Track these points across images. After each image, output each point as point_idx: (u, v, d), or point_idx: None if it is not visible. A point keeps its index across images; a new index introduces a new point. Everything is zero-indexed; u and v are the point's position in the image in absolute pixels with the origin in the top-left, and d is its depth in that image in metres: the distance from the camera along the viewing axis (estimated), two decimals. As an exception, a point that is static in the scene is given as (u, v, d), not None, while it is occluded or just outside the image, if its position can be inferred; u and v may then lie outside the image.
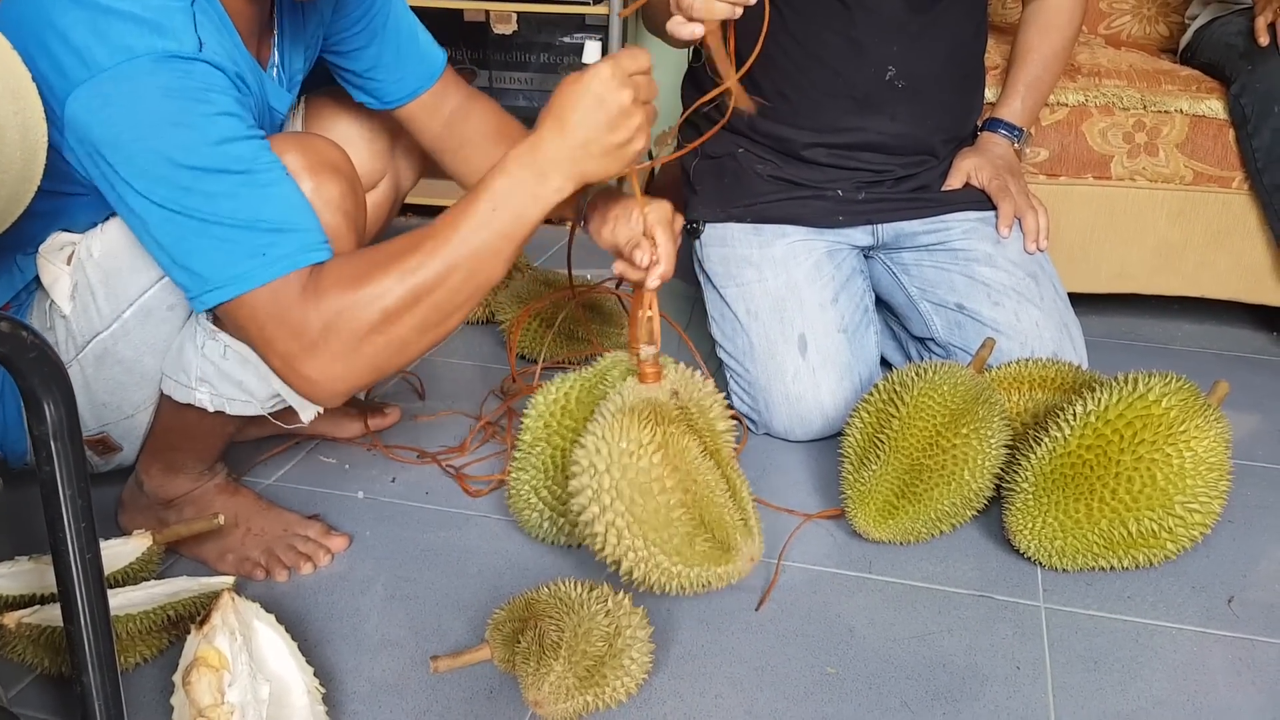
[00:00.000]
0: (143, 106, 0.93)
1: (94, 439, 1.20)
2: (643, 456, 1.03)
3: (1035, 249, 1.60)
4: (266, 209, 0.96)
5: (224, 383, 1.12)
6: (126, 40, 0.94)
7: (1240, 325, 2.04)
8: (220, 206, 0.94)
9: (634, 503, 1.03)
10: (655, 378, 1.11)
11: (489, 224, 0.99)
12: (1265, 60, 1.75)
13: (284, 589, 1.21)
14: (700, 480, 1.07)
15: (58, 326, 1.12)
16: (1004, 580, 1.26)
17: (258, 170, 0.96)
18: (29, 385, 0.67)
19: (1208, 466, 1.20)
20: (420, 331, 0.99)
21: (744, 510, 1.13)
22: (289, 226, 0.96)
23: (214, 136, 0.95)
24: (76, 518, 0.72)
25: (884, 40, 1.54)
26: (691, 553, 1.07)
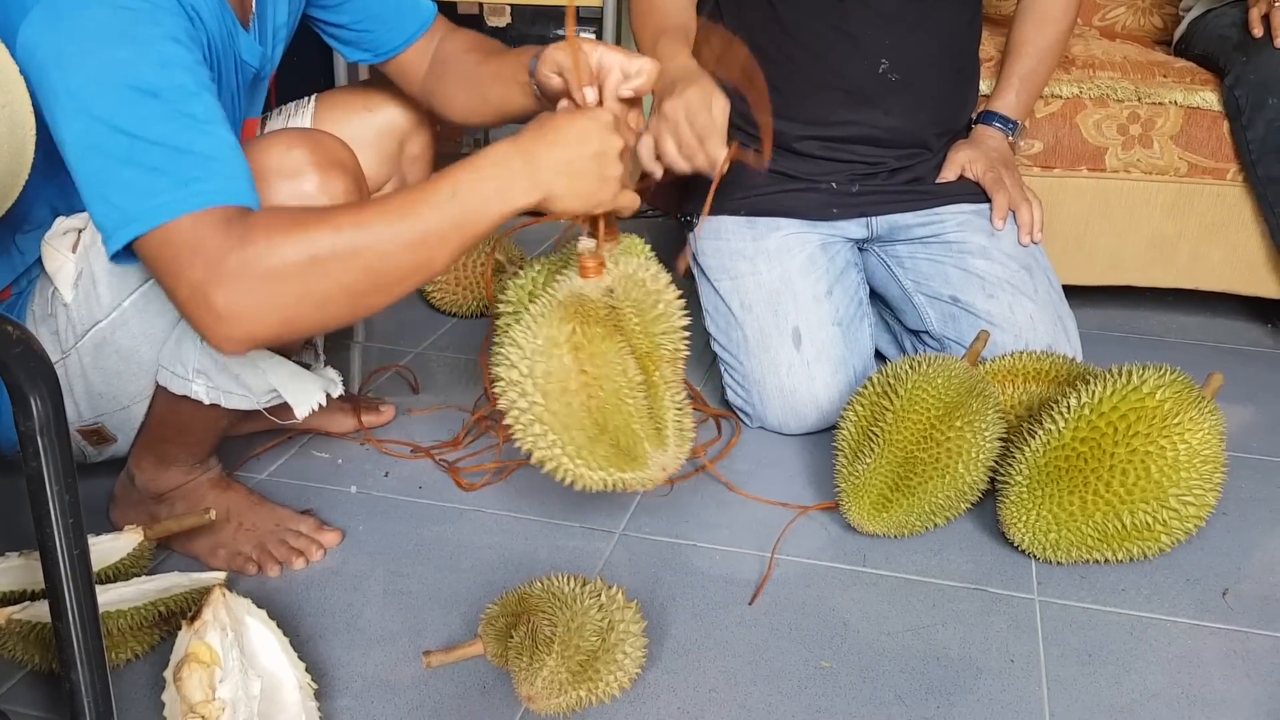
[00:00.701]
0: (89, 20, 0.91)
1: (89, 429, 1.19)
2: (553, 356, 1.01)
3: (1030, 241, 1.59)
4: (198, 140, 0.92)
5: (221, 376, 1.12)
6: None
7: (1235, 317, 2.04)
8: (152, 129, 0.90)
9: (542, 398, 1.02)
10: (593, 273, 1.07)
11: (443, 209, 0.94)
12: (1259, 51, 1.75)
13: (276, 584, 1.20)
14: (610, 385, 1.03)
15: (59, 314, 1.12)
16: (998, 573, 1.26)
17: (194, 103, 0.93)
18: (15, 380, 0.66)
19: (1202, 459, 1.20)
20: (346, 293, 0.93)
21: (660, 419, 1.08)
22: (218, 160, 0.92)
23: (156, 58, 0.92)
24: (64, 513, 0.71)
25: (877, 33, 1.53)
26: (593, 455, 1.05)
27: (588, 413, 1.04)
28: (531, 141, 0.98)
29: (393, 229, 0.93)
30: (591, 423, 1.04)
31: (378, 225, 0.93)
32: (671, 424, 1.10)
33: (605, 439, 1.05)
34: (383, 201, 0.95)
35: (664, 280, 1.10)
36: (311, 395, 1.18)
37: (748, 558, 1.28)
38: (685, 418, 1.12)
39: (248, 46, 1.13)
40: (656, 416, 1.09)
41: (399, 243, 0.93)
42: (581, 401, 1.03)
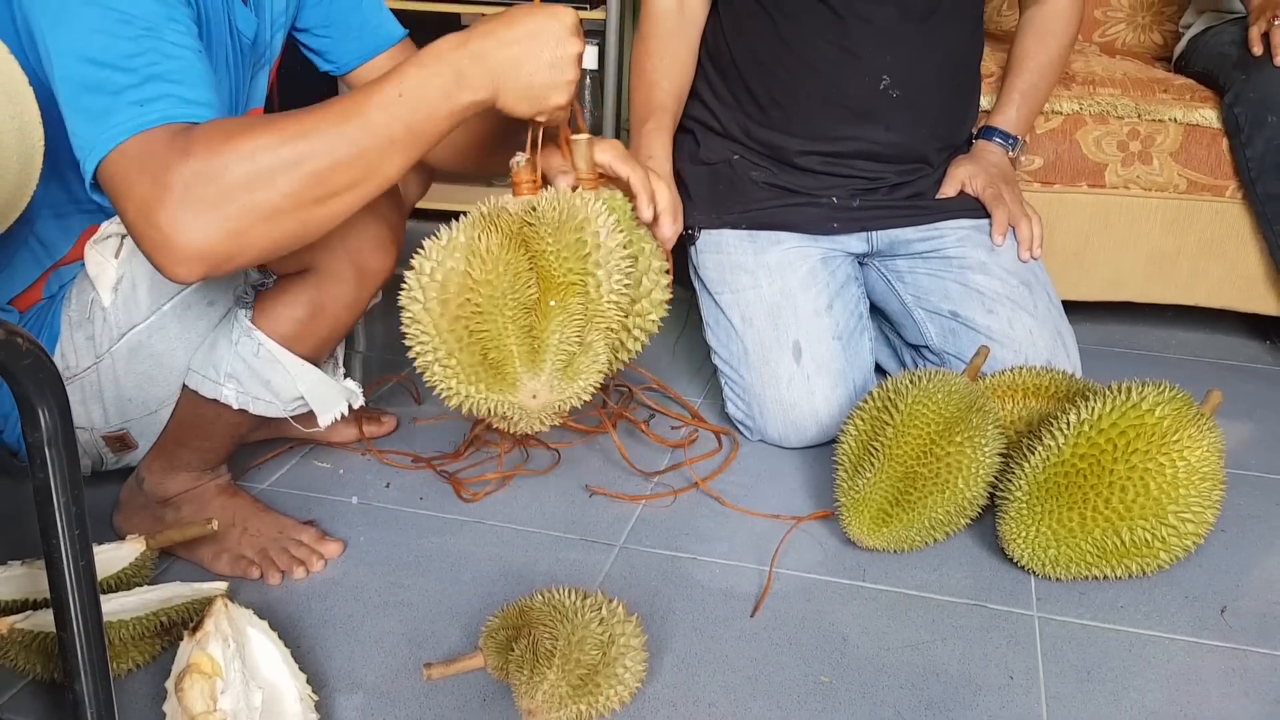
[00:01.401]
0: None
1: (114, 434, 1.21)
2: (448, 259, 0.99)
3: (1029, 257, 1.60)
4: (162, 64, 0.90)
5: (252, 381, 1.14)
6: None
7: (1234, 333, 2.04)
8: (117, 54, 0.89)
9: (422, 298, 0.99)
10: (525, 189, 1.04)
11: (390, 108, 0.90)
12: (1259, 70, 1.76)
13: (277, 595, 1.20)
14: (488, 291, 0.99)
15: (95, 318, 1.13)
16: (997, 589, 1.26)
17: (165, 31, 0.91)
18: (24, 392, 0.67)
19: (1200, 476, 1.20)
20: (295, 204, 0.88)
21: (540, 342, 1.02)
22: (179, 83, 0.90)
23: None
24: (70, 525, 0.71)
25: (878, 50, 1.54)
26: (462, 366, 1.01)
27: (460, 317, 1.00)
28: (483, 38, 0.94)
29: (338, 130, 0.89)
30: (463, 327, 1.00)
31: (322, 128, 0.89)
32: (554, 350, 1.02)
33: (474, 347, 1.01)
34: (327, 104, 0.91)
35: (599, 209, 1.04)
36: (335, 404, 1.20)
37: (747, 571, 1.28)
38: (586, 359, 1.05)
39: (243, 16, 1.13)
40: (537, 338, 1.02)
41: (345, 145, 0.89)
42: (458, 303, 0.99)
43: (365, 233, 1.12)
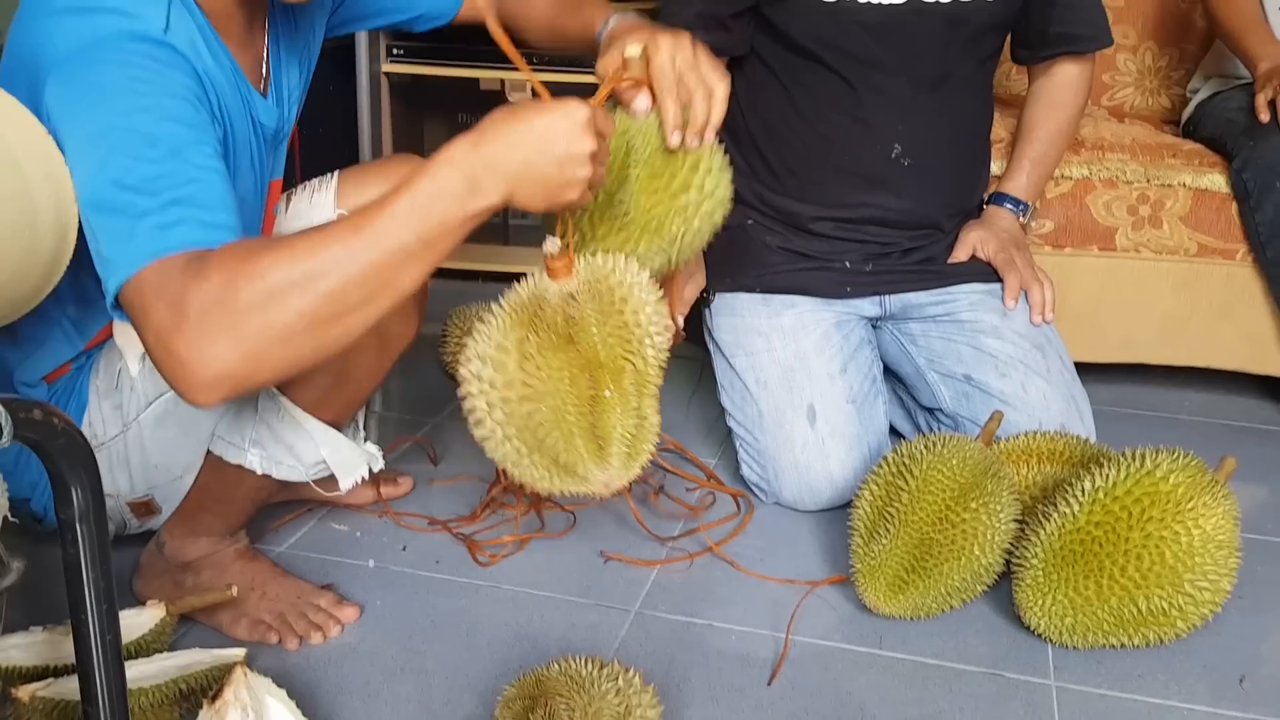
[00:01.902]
0: (97, 79, 0.94)
1: (139, 501, 1.22)
2: (502, 363, 1.00)
3: (1041, 321, 1.61)
4: (186, 188, 0.91)
5: (276, 446, 1.16)
6: (95, 29, 0.96)
7: (1247, 395, 2.05)
8: (139, 176, 0.90)
9: (485, 404, 1.01)
10: (559, 274, 1.03)
11: (406, 223, 0.88)
12: (1266, 137, 1.78)
13: (295, 661, 1.21)
14: (551, 401, 1.00)
15: (123, 387, 1.15)
16: (1015, 658, 1.26)
17: (190, 154, 0.93)
18: (58, 470, 0.68)
19: (1216, 544, 1.20)
20: (309, 323, 0.86)
21: (604, 437, 1.03)
22: (201, 207, 0.91)
23: (158, 112, 0.93)
24: (99, 600, 0.73)
25: (890, 120, 1.57)
26: (534, 465, 1.03)
27: (527, 426, 1.01)
28: (493, 141, 0.91)
29: (349, 249, 0.87)
30: (531, 435, 1.02)
31: (333, 245, 0.87)
32: (618, 441, 1.03)
33: (545, 451, 1.03)
34: (339, 222, 0.89)
35: (638, 283, 1.04)
36: (356, 468, 1.21)
37: (763, 637, 1.28)
38: (644, 430, 1.05)
39: (264, 109, 1.16)
40: (601, 434, 1.03)
41: (359, 263, 0.87)
42: (524, 413, 1.00)
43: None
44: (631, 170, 1.09)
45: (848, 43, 1.53)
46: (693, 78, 1.05)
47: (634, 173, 1.10)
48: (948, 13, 1.52)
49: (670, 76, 1.05)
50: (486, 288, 2.49)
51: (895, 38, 1.53)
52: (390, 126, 2.54)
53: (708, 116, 1.07)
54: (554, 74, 2.40)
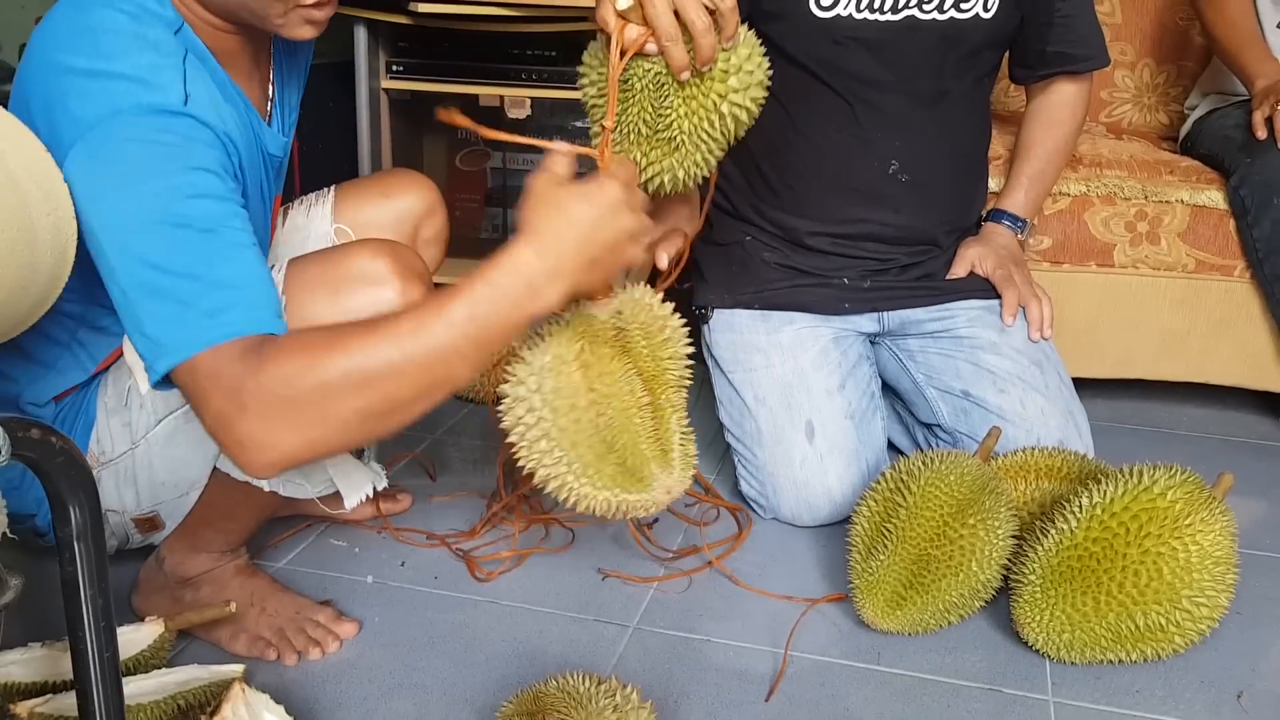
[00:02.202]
0: (123, 158, 0.95)
1: (144, 517, 1.22)
2: (562, 372, 1.01)
3: (1039, 338, 1.62)
4: (224, 269, 0.94)
5: None
6: (114, 99, 0.96)
7: (1246, 410, 2.05)
8: (180, 261, 0.93)
9: (550, 414, 1.01)
10: (600, 295, 1.06)
11: (460, 328, 0.92)
12: (1263, 153, 1.79)
13: (293, 676, 1.21)
14: (619, 404, 1.04)
15: (132, 404, 1.15)
16: (1013, 673, 1.26)
17: (224, 231, 0.95)
18: (56, 489, 0.69)
19: (1214, 560, 1.20)
20: (364, 416, 0.92)
21: (665, 441, 1.07)
22: (244, 290, 0.94)
23: (187, 189, 0.94)
24: (96, 618, 0.73)
25: (888, 135, 1.58)
26: (599, 474, 1.04)
27: (595, 430, 1.03)
28: (553, 245, 0.94)
29: (405, 354, 0.91)
30: (599, 440, 1.03)
31: (388, 348, 0.91)
32: (677, 447, 1.09)
33: (612, 457, 1.04)
34: (395, 321, 0.93)
35: (669, 307, 1.10)
36: (362, 486, 1.21)
37: (761, 653, 1.28)
38: (689, 443, 1.11)
39: (272, 139, 1.18)
40: (662, 438, 1.08)
41: (414, 364, 0.91)
42: (590, 419, 1.02)
43: None
44: (665, 98, 1.09)
45: (844, 59, 1.54)
46: (689, 3, 1.03)
47: (669, 100, 1.09)
48: (944, 30, 1.53)
49: (666, 23, 1.03)
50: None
51: (892, 55, 1.54)
52: (389, 142, 2.55)
53: (713, 39, 1.05)
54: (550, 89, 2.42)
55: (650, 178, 1.14)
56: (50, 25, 1.02)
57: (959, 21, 1.53)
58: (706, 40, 1.05)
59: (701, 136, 1.12)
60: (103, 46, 0.98)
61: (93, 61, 0.97)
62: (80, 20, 1.00)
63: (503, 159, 2.69)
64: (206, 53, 1.06)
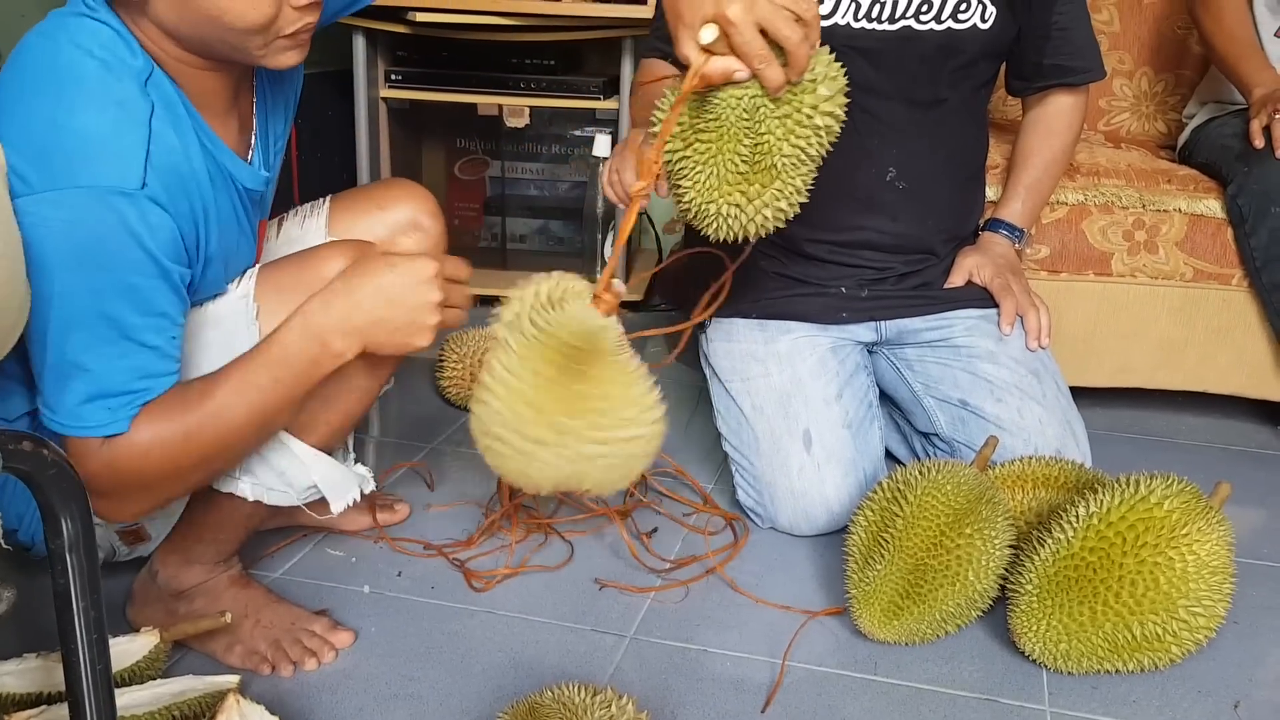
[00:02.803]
0: (72, 239, 0.96)
1: (128, 529, 1.22)
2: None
3: (1037, 347, 1.62)
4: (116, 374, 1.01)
5: (266, 472, 1.16)
6: (72, 164, 0.96)
7: (1244, 419, 2.05)
8: (88, 355, 1.00)
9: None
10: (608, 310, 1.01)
11: (267, 385, 1.06)
12: (1261, 162, 1.79)
13: (289, 686, 1.21)
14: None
15: None
16: (1009, 683, 1.26)
17: (139, 327, 1.01)
18: (48, 501, 0.68)
19: (1210, 570, 1.20)
20: (201, 461, 1.07)
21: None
22: (121, 392, 1.01)
23: (122, 283, 0.99)
24: (89, 629, 0.73)
25: (885, 143, 1.58)
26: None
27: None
28: (344, 299, 1.06)
29: (228, 413, 1.05)
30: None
31: (216, 424, 1.04)
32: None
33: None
34: (212, 389, 1.05)
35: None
36: (347, 491, 1.22)
37: (758, 663, 1.28)
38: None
39: (250, 176, 1.16)
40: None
41: (235, 421, 1.05)
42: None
43: None
44: (761, 124, 1.06)
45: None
46: (774, 17, 0.99)
47: (766, 124, 1.06)
48: (941, 41, 1.54)
49: (757, 46, 1.00)
50: (484, 312, 2.49)
51: (889, 63, 1.54)
52: (388, 151, 2.56)
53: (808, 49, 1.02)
54: (548, 98, 2.42)
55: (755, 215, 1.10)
56: (23, 53, 1.02)
57: (956, 32, 1.54)
58: (802, 52, 1.01)
59: (801, 158, 1.08)
60: (67, 96, 0.98)
61: (55, 109, 0.97)
62: (51, 58, 1.00)
63: (501, 168, 2.69)
64: (177, 99, 1.05)
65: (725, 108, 1.05)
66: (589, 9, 2.27)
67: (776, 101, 1.05)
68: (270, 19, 1.00)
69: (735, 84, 1.04)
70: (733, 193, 1.09)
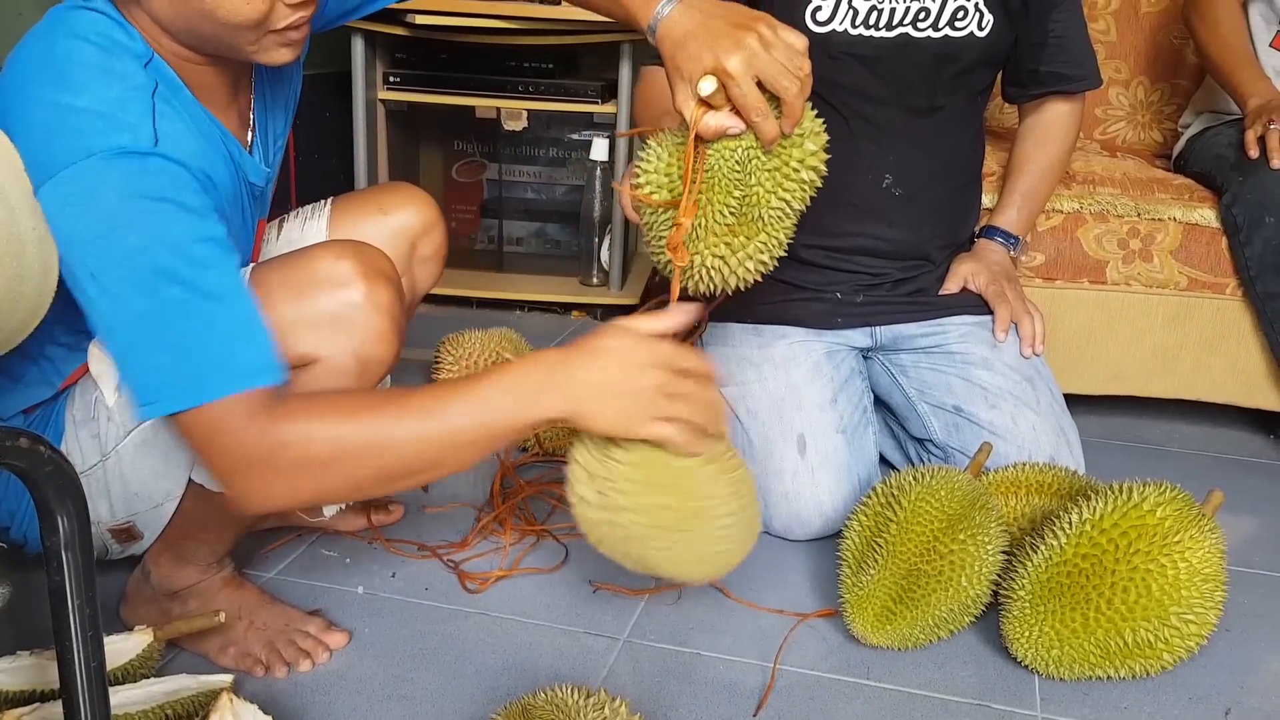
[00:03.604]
0: (97, 207, 0.95)
1: (120, 527, 1.22)
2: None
3: (1031, 354, 1.62)
4: (219, 320, 0.96)
5: None
6: (83, 138, 0.95)
7: (1237, 427, 2.05)
8: (171, 313, 0.94)
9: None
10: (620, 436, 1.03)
11: (466, 418, 0.97)
12: (1255, 172, 1.80)
13: (282, 686, 1.21)
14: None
15: (100, 416, 1.14)
16: (1002, 689, 1.26)
17: (211, 278, 0.96)
18: (44, 498, 0.69)
19: (1203, 577, 1.21)
20: (375, 480, 0.99)
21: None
22: (241, 341, 0.96)
23: (169, 240, 0.95)
24: (84, 627, 0.73)
25: (881, 149, 1.58)
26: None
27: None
28: (567, 363, 0.98)
29: (409, 433, 0.96)
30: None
31: (395, 428, 0.96)
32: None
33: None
34: (405, 400, 0.98)
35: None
36: None
37: (751, 667, 1.28)
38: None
39: (254, 169, 1.17)
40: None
41: (416, 447, 0.97)
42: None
43: (367, 325, 1.12)
44: (750, 175, 1.08)
45: (839, 73, 1.55)
46: (773, 72, 1.02)
47: (755, 176, 1.08)
48: (938, 48, 1.54)
49: (755, 99, 1.03)
50: (480, 315, 2.50)
51: (886, 70, 1.55)
52: (386, 153, 2.56)
53: (804, 102, 1.06)
54: (546, 101, 2.42)
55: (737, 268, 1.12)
56: (21, 51, 1.02)
57: (953, 39, 1.54)
58: (799, 105, 1.04)
59: (786, 210, 1.11)
60: (69, 78, 0.98)
61: (59, 94, 0.97)
62: (48, 49, 1.00)
63: (499, 171, 2.69)
64: (179, 85, 1.05)
65: (718, 159, 1.07)
66: (587, 13, 2.27)
67: (767, 154, 1.07)
68: (263, 15, 1.01)
69: (728, 136, 1.05)
70: (719, 244, 1.11)
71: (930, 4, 1.52)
